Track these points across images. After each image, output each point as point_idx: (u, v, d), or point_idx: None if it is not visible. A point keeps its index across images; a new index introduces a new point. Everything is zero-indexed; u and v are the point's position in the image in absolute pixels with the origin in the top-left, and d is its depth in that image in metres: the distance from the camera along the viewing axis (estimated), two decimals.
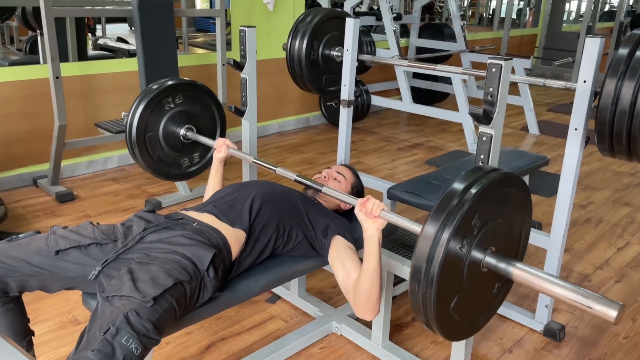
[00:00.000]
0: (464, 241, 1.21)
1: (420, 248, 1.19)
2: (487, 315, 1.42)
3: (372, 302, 1.54)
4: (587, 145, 1.91)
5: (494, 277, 1.32)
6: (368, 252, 1.52)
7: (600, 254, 2.84)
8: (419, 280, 1.19)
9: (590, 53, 1.78)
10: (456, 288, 1.25)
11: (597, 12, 8.05)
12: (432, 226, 1.18)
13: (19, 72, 3.35)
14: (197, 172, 2.34)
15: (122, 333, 1.18)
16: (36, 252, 1.43)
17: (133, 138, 2.08)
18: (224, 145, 2.06)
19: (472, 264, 1.25)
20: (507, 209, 1.33)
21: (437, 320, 1.23)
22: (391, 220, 1.48)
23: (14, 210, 3.08)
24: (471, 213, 1.19)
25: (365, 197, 1.52)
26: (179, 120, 2.17)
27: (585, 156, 2.07)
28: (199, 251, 1.46)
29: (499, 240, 1.31)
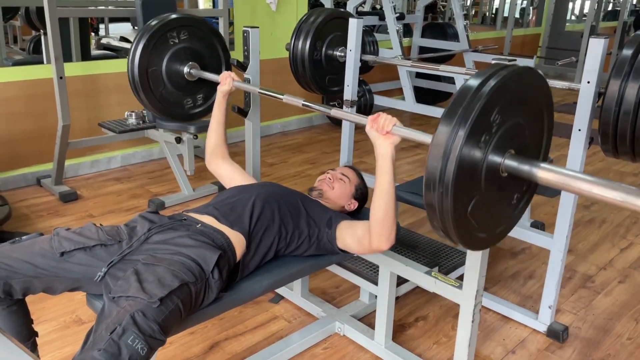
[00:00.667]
0: (482, 139, 1.11)
1: (436, 145, 1.10)
2: (506, 227, 1.34)
3: (387, 227, 1.51)
4: (590, 145, 1.91)
5: (514, 183, 1.24)
6: (381, 170, 1.48)
7: (603, 255, 2.84)
8: (434, 184, 1.11)
9: (594, 53, 1.77)
10: (474, 191, 1.17)
11: (600, 12, 8.02)
12: (448, 121, 1.09)
13: (23, 72, 3.36)
14: (199, 115, 2.31)
15: (129, 333, 1.19)
16: (40, 254, 1.44)
17: (135, 72, 2.04)
18: (228, 78, 2.04)
19: (490, 167, 1.16)
20: (527, 108, 1.23)
21: (454, 223, 1.15)
22: (404, 134, 1.43)
23: (17, 210, 3.09)
24: (491, 105, 1.09)
25: (376, 114, 1.48)
26: (182, 57, 2.13)
27: (589, 156, 2.07)
28: (204, 252, 1.46)
29: (519, 143, 1.22)
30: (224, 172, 2.02)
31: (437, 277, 1.74)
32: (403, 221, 3.08)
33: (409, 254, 2.28)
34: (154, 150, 4.04)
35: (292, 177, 3.80)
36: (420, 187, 2.32)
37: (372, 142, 1.49)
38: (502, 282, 2.53)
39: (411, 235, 2.55)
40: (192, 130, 3.26)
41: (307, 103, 1.76)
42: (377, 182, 1.50)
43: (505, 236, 1.36)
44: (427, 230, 3.00)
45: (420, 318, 2.24)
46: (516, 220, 1.38)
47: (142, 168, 3.88)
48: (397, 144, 1.46)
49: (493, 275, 2.57)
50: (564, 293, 2.44)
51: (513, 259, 2.74)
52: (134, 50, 2.05)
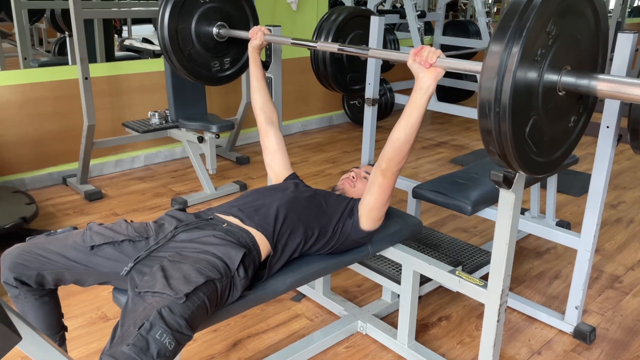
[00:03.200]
0: (538, 52, 1.06)
1: (489, 65, 1.05)
2: (564, 152, 1.30)
3: (401, 156, 1.54)
4: (618, 143, 1.87)
5: (571, 103, 1.21)
6: (415, 104, 1.46)
7: (631, 255, 2.78)
8: (489, 104, 1.07)
9: (623, 48, 1.73)
10: (531, 110, 1.13)
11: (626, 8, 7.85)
12: (500, 37, 1.04)
13: (49, 73, 3.42)
14: (226, 80, 2.31)
15: (156, 328, 1.20)
16: (72, 247, 1.47)
17: (165, 30, 2.06)
18: (259, 32, 2.03)
19: (547, 85, 1.13)
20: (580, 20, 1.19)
21: (513, 145, 1.10)
22: (450, 65, 1.38)
23: (44, 208, 3.15)
24: (546, 15, 1.05)
25: (420, 46, 1.45)
26: (211, 18, 2.14)
27: (616, 154, 2.03)
28: (230, 251, 1.47)
29: (575, 57, 1.18)
30: (269, 145, 2.03)
31: (461, 276, 1.72)
32: (425, 220, 3.05)
33: (432, 253, 2.26)
34: (177, 150, 4.08)
35: (312, 176, 3.80)
36: (443, 185, 2.31)
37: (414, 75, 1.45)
38: (527, 282, 2.49)
39: (434, 234, 2.53)
40: (214, 130, 3.28)
41: (342, 46, 1.73)
42: (406, 114, 1.48)
43: (562, 162, 1.30)
44: (450, 230, 2.98)
45: (444, 318, 2.22)
46: (573, 145, 1.32)
47: (165, 167, 3.93)
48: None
49: (518, 275, 2.53)
50: (591, 294, 2.40)
51: (538, 259, 2.70)
52: (163, 8, 2.05)
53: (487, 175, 1.34)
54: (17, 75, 3.31)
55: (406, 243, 2.01)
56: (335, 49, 1.77)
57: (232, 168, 3.95)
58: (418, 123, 1.48)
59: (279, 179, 2.00)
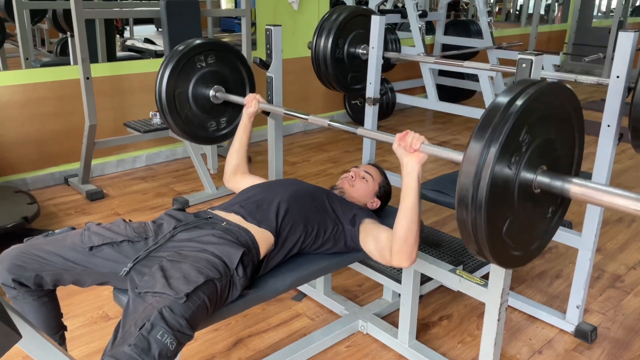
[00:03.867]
0: (512, 159, 1.11)
1: (465, 170, 1.11)
2: (542, 242, 1.33)
3: (410, 244, 1.50)
4: (619, 142, 1.86)
5: (548, 198, 1.23)
6: (407, 188, 1.48)
7: (633, 254, 2.77)
8: (466, 205, 1.11)
9: (623, 47, 1.73)
10: (507, 211, 1.16)
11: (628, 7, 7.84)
12: (477, 144, 1.09)
13: (51, 73, 3.43)
14: (222, 138, 2.35)
15: (157, 328, 1.20)
16: (71, 248, 1.47)
17: (163, 94, 2.10)
18: (254, 100, 2.06)
19: (523, 185, 1.16)
20: (557, 123, 1.23)
21: (490, 245, 1.14)
22: (432, 152, 1.42)
23: (46, 208, 3.16)
24: (519, 126, 1.09)
25: (404, 132, 1.48)
26: (208, 81, 2.18)
27: (617, 154, 2.02)
28: (229, 250, 1.47)
29: (551, 158, 1.21)
30: (243, 186, 2.02)
31: (462, 275, 1.72)
32: (427, 220, 3.05)
33: (433, 252, 2.26)
34: (178, 150, 4.08)
35: (314, 176, 3.81)
36: (444, 184, 2.31)
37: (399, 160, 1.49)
38: (529, 282, 2.49)
39: (435, 233, 2.53)
40: None
41: (332, 123, 1.78)
42: (402, 200, 1.50)
43: (541, 251, 1.35)
44: (451, 229, 2.97)
45: (445, 317, 2.22)
46: (552, 234, 1.36)
47: (166, 167, 3.93)
48: (424, 162, 1.46)
49: (519, 275, 2.53)
50: (592, 293, 2.39)
51: (539, 258, 2.70)
52: (162, 72, 2.11)
53: None
54: (19, 76, 3.32)
55: None
56: (326, 124, 1.79)
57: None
58: (415, 206, 1.48)
59: None
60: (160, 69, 2.11)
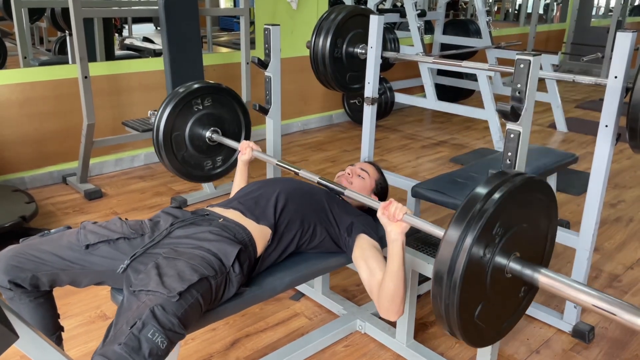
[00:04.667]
0: (486, 249, 1.20)
1: (443, 254, 1.19)
2: (513, 320, 1.40)
3: (397, 304, 1.53)
4: (617, 142, 1.87)
5: (520, 282, 1.30)
6: (392, 254, 1.51)
7: (630, 254, 2.77)
8: (441, 287, 1.19)
9: (622, 47, 1.73)
10: (480, 296, 1.24)
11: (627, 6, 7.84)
12: (454, 232, 1.18)
13: (49, 72, 3.42)
14: (218, 176, 2.40)
15: (148, 327, 1.20)
16: (67, 247, 1.47)
17: (160, 136, 2.12)
18: (248, 147, 2.10)
19: (495, 270, 1.24)
20: (532, 213, 1.32)
21: (461, 329, 1.22)
22: (414, 224, 1.48)
23: (44, 207, 3.15)
24: (493, 220, 1.19)
25: (388, 201, 1.52)
26: (205, 123, 2.22)
27: (615, 154, 2.02)
28: (225, 247, 1.47)
29: (524, 245, 1.29)
30: None
31: None
32: (425, 219, 3.05)
33: (430, 252, 2.26)
34: None
35: None
36: (442, 184, 2.31)
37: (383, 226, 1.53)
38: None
39: None
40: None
41: (322, 181, 1.79)
42: (388, 264, 1.52)
43: (512, 328, 1.42)
44: None
45: None
46: (523, 311, 1.42)
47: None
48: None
49: None
50: None
51: None
52: (160, 115, 2.12)
53: (486, 175, 1.37)
54: (17, 74, 3.31)
55: None
56: (316, 181, 1.81)
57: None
58: (400, 270, 1.50)
59: None
60: (159, 111, 2.12)
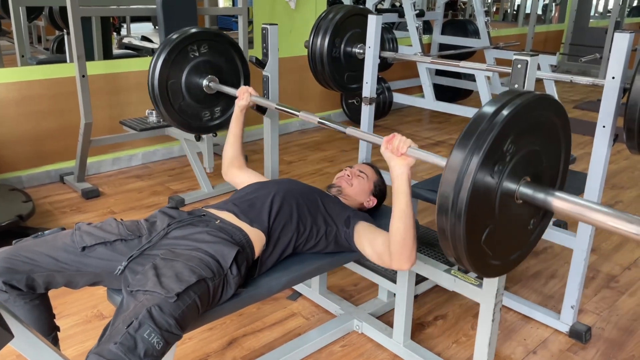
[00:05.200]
0: (495, 168, 1.11)
1: (447, 177, 1.10)
2: (522, 253, 1.32)
3: (408, 247, 1.49)
4: (615, 143, 1.87)
5: (530, 210, 1.23)
6: (397, 191, 1.47)
7: (628, 255, 2.78)
8: (446, 211, 1.11)
9: (619, 48, 1.74)
10: (488, 219, 1.15)
11: (625, 7, 7.85)
12: (460, 152, 1.09)
13: (47, 70, 3.42)
14: (217, 128, 2.34)
15: (145, 327, 1.19)
16: (62, 249, 1.46)
17: (155, 84, 2.08)
18: (246, 92, 2.06)
19: (505, 195, 1.16)
20: (543, 135, 1.22)
21: (467, 253, 1.14)
22: (418, 156, 1.42)
23: (41, 206, 3.15)
24: (503, 136, 1.09)
25: (391, 135, 1.48)
26: (202, 71, 2.16)
27: (613, 154, 2.02)
28: (223, 248, 1.47)
29: (535, 169, 1.21)
30: (240, 180, 2.03)
31: (456, 276, 1.72)
32: (422, 219, 3.05)
33: (428, 252, 2.26)
34: (174, 148, 4.07)
35: (310, 175, 3.80)
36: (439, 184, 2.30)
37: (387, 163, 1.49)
38: (523, 282, 2.49)
39: (430, 233, 2.53)
40: None
41: (322, 121, 1.78)
42: (394, 204, 1.49)
43: (520, 262, 1.34)
44: None
45: (440, 317, 2.22)
46: (532, 246, 1.35)
47: (162, 165, 3.92)
48: (413, 165, 1.46)
49: (514, 275, 2.53)
50: (587, 293, 2.40)
51: (534, 258, 2.70)
52: (154, 62, 2.08)
53: None
54: (14, 73, 3.31)
55: None
56: (316, 122, 1.79)
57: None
58: (409, 208, 1.48)
59: None
60: (153, 59, 2.07)
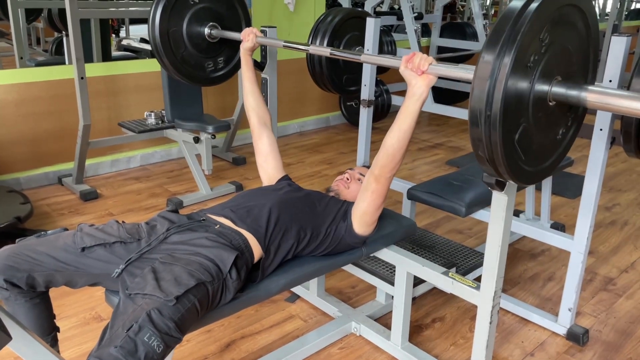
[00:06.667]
0: (531, 59, 1.08)
1: (481, 72, 1.07)
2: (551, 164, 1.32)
3: (394, 163, 1.55)
4: (612, 146, 1.87)
5: (561, 114, 1.22)
6: (407, 111, 1.46)
7: (625, 257, 2.78)
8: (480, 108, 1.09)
9: (616, 52, 1.74)
10: (521, 117, 1.14)
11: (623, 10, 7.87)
12: (494, 42, 1.05)
13: (45, 72, 3.42)
14: (220, 79, 2.30)
15: (145, 330, 1.19)
16: (63, 249, 1.46)
17: (156, 32, 2.04)
18: (251, 34, 2.03)
19: (538, 95, 1.14)
20: (571, 31, 1.20)
21: (502, 151, 1.11)
22: (442, 72, 1.38)
23: (39, 208, 3.14)
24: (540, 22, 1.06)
25: (411, 53, 1.45)
26: (202, 18, 2.13)
27: (610, 157, 2.03)
28: (222, 253, 1.47)
29: (565, 68, 1.19)
30: (262, 147, 2.01)
31: (454, 278, 1.73)
32: (420, 222, 3.06)
33: (426, 255, 2.27)
34: (173, 150, 4.07)
35: (308, 177, 3.81)
36: (438, 187, 2.32)
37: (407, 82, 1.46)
38: (521, 284, 2.50)
39: (428, 235, 2.53)
40: (210, 130, 3.29)
41: (335, 51, 1.74)
42: (399, 121, 1.48)
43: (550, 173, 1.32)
44: (445, 231, 2.98)
45: (437, 319, 2.22)
46: (561, 158, 1.34)
47: (161, 167, 3.92)
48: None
49: (512, 277, 2.54)
50: (585, 296, 2.40)
51: (532, 261, 2.71)
52: (154, 11, 2.03)
53: (481, 177, 1.36)
54: (13, 75, 3.31)
55: (400, 244, 2.01)
56: (328, 53, 1.77)
57: (228, 168, 3.95)
58: (411, 129, 1.49)
59: (272, 181, 2.00)
60: (152, 7, 2.04)
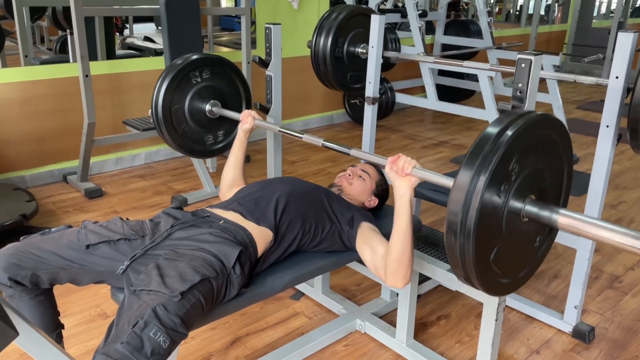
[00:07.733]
0: (501, 187, 1.13)
1: (455, 197, 1.12)
2: (529, 270, 1.35)
3: (404, 267, 1.50)
4: (618, 143, 1.87)
5: (536, 228, 1.25)
6: (399, 212, 1.48)
7: (631, 255, 2.77)
8: (455, 232, 1.13)
9: (623, 47, 1.73)
10: (495, 238, 1.18)
11: (628, 8, 7.83)
12: (467, 172, 1.11)
13: (50, 70, 3.42)
14: (220, 151, 2.35)
15: (151, 326, 1.20)
16: (67, 246, 1.47)
17: (159, 110, 2.09)
18: (249, 116, 2.06)
19: (511, 214, 1.18)
20: (546, 155, 1.25)
21: (477, 272, 1.15)
22: (423, 177, 1.42)
23: (44, 205, 3.15)
24: (509, 156, 1.12)
25: (396, 155, 1.48)
26: (204, 96, 2.18)
27: (616, 155, 2.02)
28: (226, 248, 1.47)
29: (539, 187, 1.23)
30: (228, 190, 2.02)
31: None
32: (425, 219, 3.05)
33: (431, 252, 2.26)
34: None
35: (313, 175, 3.81)
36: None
37: (392, 184, 1.49)
38: (527, 282, 2.49)
39: (433, 233, 2.53)
40: None
41: (326, 143, 1.78)
42: (395, 223, 1.50)
43: (529, 279, 1.37)
44: None
45: (443, 317, 2.22)
46: (539, 262, 1.38)
47: (165, 165, 3.93)
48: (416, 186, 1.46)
49: None
50: (590, 293, 2.39)
51: None
52: (158, 89, 2.10)
53: None
54: (18, 73, 3.32)
55: None
56: (320, 144, 1.81)
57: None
58: (409, 229, 1.48)
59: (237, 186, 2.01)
60: (157, 85, 2.10)
